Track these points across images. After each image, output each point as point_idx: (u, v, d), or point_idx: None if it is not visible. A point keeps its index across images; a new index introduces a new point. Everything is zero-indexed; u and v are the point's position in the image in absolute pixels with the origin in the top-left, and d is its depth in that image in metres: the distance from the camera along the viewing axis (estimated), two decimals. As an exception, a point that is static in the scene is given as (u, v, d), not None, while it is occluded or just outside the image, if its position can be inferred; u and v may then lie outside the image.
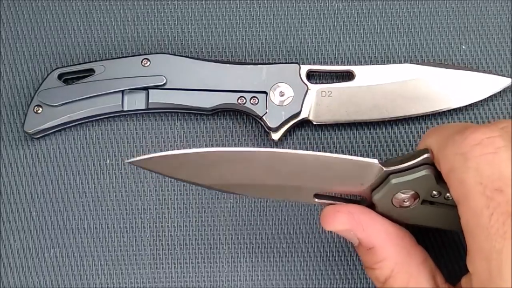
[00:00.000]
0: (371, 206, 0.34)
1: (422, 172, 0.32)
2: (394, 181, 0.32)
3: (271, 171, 0.33)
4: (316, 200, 0.34)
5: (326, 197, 0.35)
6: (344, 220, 0.33)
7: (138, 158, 0.32)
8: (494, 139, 0.29)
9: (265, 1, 0.44)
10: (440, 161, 0.31)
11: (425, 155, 0.32)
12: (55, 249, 0.41)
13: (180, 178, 0.34)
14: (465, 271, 0.30)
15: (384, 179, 0.33)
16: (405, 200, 0.33)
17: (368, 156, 0.42)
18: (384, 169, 0.32)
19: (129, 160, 0.33)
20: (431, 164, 0.32)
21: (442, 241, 0.41)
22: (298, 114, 0.41)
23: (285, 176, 0.33)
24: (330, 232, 0.41)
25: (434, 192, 0.33)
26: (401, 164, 0.32)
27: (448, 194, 0.33)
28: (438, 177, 0.32)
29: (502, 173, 0.28)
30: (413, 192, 0.33)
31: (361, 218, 0.33)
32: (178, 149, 0.42)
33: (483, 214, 0.28)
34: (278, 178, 0.33)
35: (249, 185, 0.34)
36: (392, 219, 0.34)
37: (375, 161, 0.32)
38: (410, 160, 0.32)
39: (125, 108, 0.41)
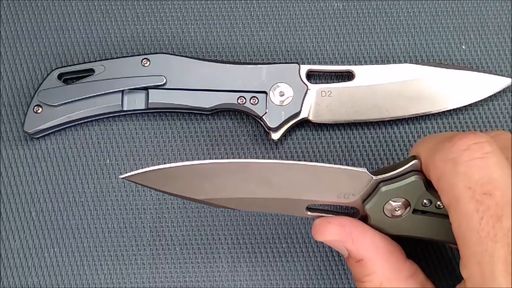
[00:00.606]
0: (364, 219, 0.34)
1: (411, 179, 0.32)
2: (384, 189, 0.33)
3: (262, 183, 0.33)
4: (309, 213, 0.35)
5: (319, 210, 0.35)
6: (334, 231, 0.34)
7: (131, 173, 0.32)
8: (482, 144, 0.29)
9: (265, 1, 0.44)
10: (429, 168, 0.31)
11: (413, 162, 0.32)
12: (55, 249, 0.41)
13: (174, 193, 0.33)
14: (458, 279, 0.31)
15: (374, 188, 0.33)
16: (396, 209, 0.33)
17: (367, 156, 0.42)
18: (374, 177, 0.33)
19: (123, 176, 0.33)
20: (419, 171, 0.33)
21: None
22: (298, 114, 0.41)
23: (277, 187, 0.33)
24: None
25: (425, 201, 0.33)
26: (390, 172, 0.33)
27: (439, 203, 0.33)
28: (427, 184, 0.33)
29: (491, 177, 0.28)
30: (403, 200, 0.33)
31: (351, 230, 0.33)
32: (177, 151, 0.42)
33: (473, 218, 0.28)
34: (270, 190, 0.33)
35: (242, 198, 0.34)
36: (385, 231, 0.34)
37: (364, 170, 0.33)
38: (399, 168, 0.33)
39: (125, 108, 0.41)
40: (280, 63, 0.41)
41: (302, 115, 0.41)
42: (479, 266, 0.28)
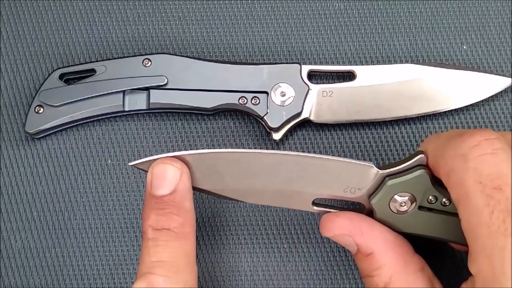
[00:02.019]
0: (370, 214, 0.34)
1: (417, 172, 0.33)
2: (390, 182, 0.33)
3: (269, 173, 0.33)
4: (315, 208, 0.35)
5: (325, 206, 0.35)
6: (343, 225, 0.34)
7: (140, 160, 0.33)
8: (492, 141, 0.30)
9: (266, 1, 0.44)
10: (439, 164, 0.32)
11: (419, 156, 0.33)
12: (56, 249, 0.41)
13: None
14: (464, 279, 0.30)
15: (380, 182, 0.33)
16: (402, 204, 0.33)
17: (369, 156, 0.42)
18: (380, 171, 0.33)
19: (132, 163, 0.33)
20: (425, 165, 0.33)
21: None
22: (299, 114, 0.41)
23: (284, 178, 0.33)
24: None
25: (431, 197, 0.33)
26: (396, 166, 0.33)
27: (444, 200, 0.33)
28: (433, 180, 0.33)
29: (501, 172, 0.29)
30: (409, 195, 0.33)
31: (360, 223, 0.34)
32: (179, 151, 0.42)
33: (484, 212, 0.28)
34: (276, 181, 0.33)
35: (248, 190, 0.34)
36: (391, 228, 0.34)
37: (371, 164, 0.33)
38: (405, 162, 0.33)
39: (126, 108, 0.41)
40: (281, 63, 0.41)
41: (303, 115, 0.41)
42: (489, 261, 0.28)
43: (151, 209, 0.33)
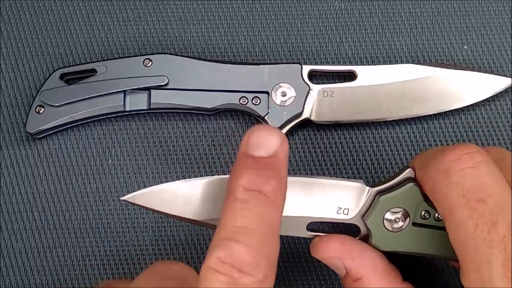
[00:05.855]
0: (365, 239, 0.34)
1: (408, 186, 0.33)
2: (382, 198, 0.33)
3: None
4: (309, 233, 0.34)
5: (319, 231, 0.35)
6: (334, 247, 0.33)
7: (130, 195, 0.33)
8: (473, 154, 0.30)
9: (267, 1, 0.44)
10: (423, 180, 0.32)
11: (408, 170, 0.33)
12: (57, 249, 0.41)
13: (174, 215, 0.34)
14: None
15: (372, 201, 0.34)
16: (396, 220, 0.33)
17: (369, 156, 0.42)
18: (371, 189, 0.33)
19: (123, 198, 0.33)
20: (415, 180, 0.33)
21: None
22: (300, 114, 0.41)
23: None
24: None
25: (423, 213, 0.33)
26: (386, 183, 0.33)
27: (437, 214, 0.33)
28: (424, 195, 0.33)
29: (483, 185, 0.29)
30: (402, 210, 0.33)
31: (351, 247, 0.33)
32: (180, 151, 0.42)
33: (469, 225, 0.28)
34: None
35: None
36: (387, 249, 0.34)
37: (361, 181, 0.33)
38: (394, 178, 0.33)
39: (127, 108, 0.41)
40: (282, 63, 0.41)
41: (304, 116, 0.41)
42: (478, 273, 0.28)
43: (246, 168, 0.30)
